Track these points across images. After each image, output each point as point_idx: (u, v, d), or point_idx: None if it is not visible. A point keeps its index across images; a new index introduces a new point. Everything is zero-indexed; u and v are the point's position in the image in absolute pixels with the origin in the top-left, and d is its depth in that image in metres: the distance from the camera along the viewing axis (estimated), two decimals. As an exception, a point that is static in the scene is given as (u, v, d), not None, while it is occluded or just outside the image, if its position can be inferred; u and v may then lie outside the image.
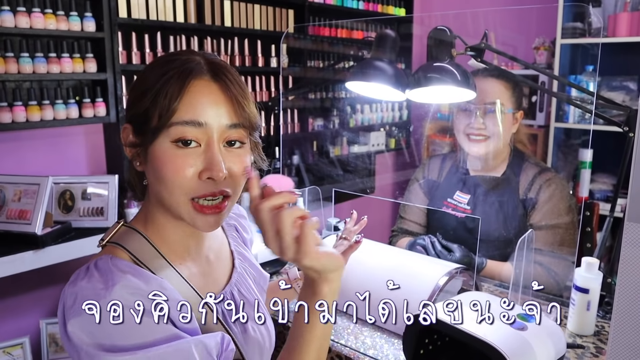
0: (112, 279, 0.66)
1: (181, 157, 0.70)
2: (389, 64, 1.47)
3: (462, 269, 1.18)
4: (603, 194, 2.69)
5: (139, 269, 0.70)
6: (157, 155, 0.70)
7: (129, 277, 0.67)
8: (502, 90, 1.50)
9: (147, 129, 0.71)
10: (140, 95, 0.71)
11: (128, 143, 0.74)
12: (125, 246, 0.73)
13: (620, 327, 0.79)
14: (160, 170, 0.70)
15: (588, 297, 1.10)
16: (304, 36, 2.95)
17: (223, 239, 0.92)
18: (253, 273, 0.95)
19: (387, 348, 1.06)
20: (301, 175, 2.96)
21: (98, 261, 0.70)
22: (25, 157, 2.08)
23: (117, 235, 0.75)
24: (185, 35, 2.41)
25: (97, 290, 0.65)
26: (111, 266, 0.68)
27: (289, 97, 2.83)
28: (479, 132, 1.49)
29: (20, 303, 2.15)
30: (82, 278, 0.67)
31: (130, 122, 0.74)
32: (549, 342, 0.89)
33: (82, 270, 0.70)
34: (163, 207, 0.75)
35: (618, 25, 2.56)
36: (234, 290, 0.86)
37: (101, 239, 0.76)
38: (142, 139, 0.72)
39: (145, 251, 0.74)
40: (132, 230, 0.76)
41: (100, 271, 0.68)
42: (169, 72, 0.70)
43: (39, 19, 1.92)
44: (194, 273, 0.80)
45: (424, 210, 1.70)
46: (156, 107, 0.69)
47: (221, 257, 0.89)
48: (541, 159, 2.68)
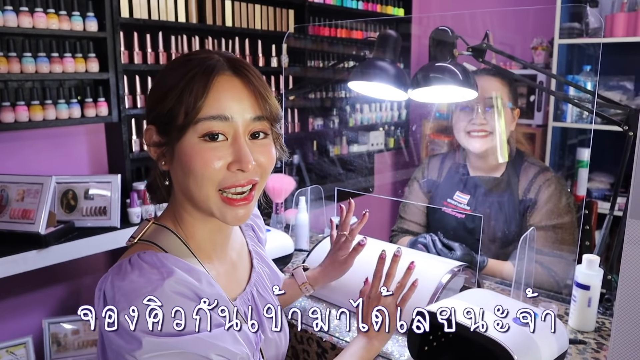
0: (168, 271, 0.67)
1: (210, 150, 0.72)
2: (390, 64, 1.48)
3: (464, 267, 1.20)
4: (600, 193, 2.71)
5: (186, 264, 0.71)
6: (185, 151, 0.72)
7: (180, 273, 0.68)
8: (499, 87, 1.52)
9: (172, 127, 0.72)
10: (163, 95, 0.73)
11: (152, 143, 0.75)
12: (158, 244, 0.74)
13: (622, 323, 0.81)
14: (189, 165, 0.72)
15: (589, 294, 1.11)
16: (305, 36, 2.96)
17: (242, 239, 0.93)
18: (269, 273, 0.96)
19: (391, 345, 1.07)
20: (302, 174, 2.97)
21: (141, 254, 0.70)
22: (28, 157, 2.09)
23: (147, 233, 0.76)
24: (187, 35, 2.42)
25: (153, 280, 0.66)
26: (161, 259, 0.69)
27: (290, 97, 2.85)
28: (481, 128, 1.50)
29: (23, 302, 2.15)
30: (131, 271, 0.67)
31: (153, 123, 0.75)
32: (551, 338, 0.91)
33: (123, 265, 0.69)
34: (191, 204, 0.76)
35: (615, 25, 2.59)
36: (253, 291, 0.87)
37: (132, 236, 0.77)
38: (167, 138, 0.73)
39: (177, 249, 0.75)
40: (162, 227, 0.77)
41: (150, 263, 0.68)
42: (191, 70, 0.72)
43: (42, 18, 1.92)
44: (220, 273, 0.82)
45: (423, 210, 1.72)
46: (181, 105, 0.71)
47: (242, 257, 0.90)
48: (539, 158, 2.70)
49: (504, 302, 1.00)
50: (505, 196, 1.53)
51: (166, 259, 0.70)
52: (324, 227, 1.75)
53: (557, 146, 2.83)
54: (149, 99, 0.77)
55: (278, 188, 1.68)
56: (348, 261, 1.10)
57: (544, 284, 1.41)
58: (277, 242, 1.44)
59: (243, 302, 0.84)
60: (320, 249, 1.34)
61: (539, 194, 1.49)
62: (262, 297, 0.89)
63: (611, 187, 2.75)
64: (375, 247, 1.29)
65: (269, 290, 0.92)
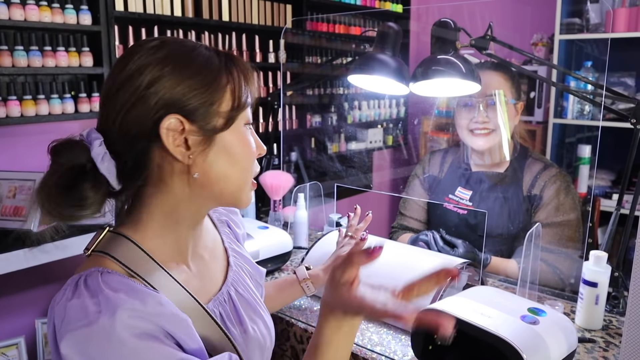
0: (106, 302, 0.61)
1: (251, 137, 0.75)
2: (391, 57, 1.45)
3: (468, 265, 1.17)
4: (602, 190, 2.69)
5: (132, 285, 0.65)
6: (233, 140, 0.72)
7: (123, 297, 0.62)
8: (501, 82, 1.49)
9: (215, 116, 0.70)
10: (201, 84, 0.68)
11: (182, 141, 0.68)
12: (113, 255, 0.68)
13: (634, 321, 0.78)
14: (239, 153, 0.73)
15: (597, 291, 1.08)
16: (303, 32, 2.93)
17: (216, 236, 0.89)
18: (249, 269, 0.92)
19: (394, 344, 1.04)
20: (300, 171, 2.94)
21: (87, 277, 0.64)
22: (20, 153, 2.05)
23: (102, 242, 0.70)
24: (183, 30, 2.38)
25: (90, 312, 0.60)
26: (101, 284, 0.63)
27: (287, 93, 2.81)
28: (483, 126, 1.47)
29: (15, 302, 2.11)
30: (71, 297, 0.63)
31: (180, 114, 0.68)
32: (561, 336, 0.88)
33: (69, 286, 0.64)
34: (195, 199, 0.73)
35: (616, 20, 2.56)
36: (230, 290, 0.83)
37: (86, 247, 0.71)
38: (208, 127, 0.69)
39: (136, 258, 0.69)
40: (119, 236, 0.70)
41: (90, 289, 0.63)
42: (218, 57, 0.71)
43: (34, 11, 1.88)
44: (191, 275, 0.77)
45: (424, 206, 1.69)
46: (229, 93, 0.71)
47: (215, 255, 0.86)
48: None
49: (510, 300, 0.97)
50: (508, 192, 1.50)
51: (107, 283, 0.63)
52: (323, 225, 1.72)
53: (558, 143, 2.80)
54: (167, 91, 0.67)
55: (276, 185, 1.65)
56: None
57: (549, 281, 1.38)
58: (276, 239, 1.41)
59: (218, 303, 0.79)
60: (319, 247, 1.31)
61: (544, 190, 1.46)
62: (241, 296, 0.84)
63: (612, 184, 2.72)
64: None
65: (249, 287, 0.87)
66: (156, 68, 0.67)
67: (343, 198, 2.19)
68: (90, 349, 0.59)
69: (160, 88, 0.66)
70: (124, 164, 0.68)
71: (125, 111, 0.67)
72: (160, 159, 0.70)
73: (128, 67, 0.67)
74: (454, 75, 1.30)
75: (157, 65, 0.67)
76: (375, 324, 1.12)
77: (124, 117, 0.67)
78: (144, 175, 0.70)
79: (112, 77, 0.69)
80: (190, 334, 0.66)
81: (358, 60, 1.51)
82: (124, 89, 0.67)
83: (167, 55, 0.68)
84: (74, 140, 0.67)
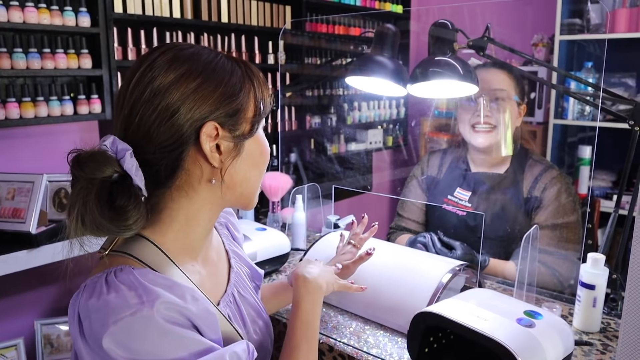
0: (147, 294, 0.63)
1: (266, 141, 0.80)
2: (389, 59, 1.45)
3: (465, 266, 1.17)
4: (602, 191, 2.68)
5: (167, 279, 0.66)
6: (258, 143, 0.77)
7: (162, 291, 0.64)
8: (505, 80, 1.49)
9: (242, 121, 0.73)
10: (231, 92, 0.71)
11: (215, 147, 0.71)
12: (135, 255, 0.69)
13: (630, 323, 0.77)
14: (262, 155, 0.78)
15: (594, 294, 1.08)
16: (302, 33, 2.92)
17: (218, 238, 0.90)
18: (248, 271, 0.94)
19: (390, 347, 1.04)
20: (299, 172, 2.94)
21: (117, 272, 0.65)
22: (19, 155, 2.05)
23: (119, 243, 0.71)
24: (182, 31, 2.38)
25: (132, 303, 0.62)
26: (139, 278, 0.64)
27: (287, 94, 2.81)
28: (485, 121, 1.46)
29: (15, 303, 2.11)
30: (107, 292, 0.63)
31: (216, 121, 0.70)
32: (557, 339, 0.87)
33: (99, 283, 0.64)
34: (217, 200, 0.76)
35: (617, 21, 2.55)
36: (234, 291, 0.85)
37: (102, 247, 0.71)
38: (239, 133, 0.73)
39: (156, 259, 0.70)
40: (138, 237, 0.71)
41: (126, 284, 0.63)
42: (239, 64, 0.74)
43: (33, 13, 1.88)
44: (204, 276, 0.79)
45: (422, 208, 1.68)
46: (254, 99, 0.74)
47: (220, 256, 0.87)
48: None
49: (507, 302, 0.96)
50: (508, 193, 1.49)
51: (144, 276, 0.65)
52: (321, 226, 1.71)
53: (558, 144, 2.80)
54: (201, 103, 0.69)
55: (275, 186, 1.64)
56: (351, 267, 1.10)
57: (547, 283, 1.37)
58: (273, 241, 1.40)
59: (225, 304, 0.81)
60: (317, 248, 1.31)
61: (544, 192, 1.45)
62: (243, 297, 0.86)
63: (613, 185, 2.71)
64: (376, 247, 1.26)
65: (250, 289, 0.89)
66: (186, 82, 0.68)
67: (343, 199, 2.18)
68: (134, 339, 0.60)
69: (193, 101, 0.68)
70: (155, 172, 0.69)
71: (158, 124, 0.67)
72: (191, 165, 0.71)
73: (155, 81, 0.68)
74: (451, 76, 1.30)
75: (187, 79, 0.68)
76: (371, 326, 1.11)
77: (157, 129, 0.67)
78: (172, 182, 0.71)
79: (136, 88, 0.68)
80: (215, 329, 0.69)
81: (356, 62, 1.50)
82: (154, 103, 0.67)
83: (193, 68, 0.69)
84: (99, 151, 0.66)
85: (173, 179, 0.71)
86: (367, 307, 1.15)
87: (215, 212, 0.78)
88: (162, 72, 0.68)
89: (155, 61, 0.69)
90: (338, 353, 1.03)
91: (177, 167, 0.70)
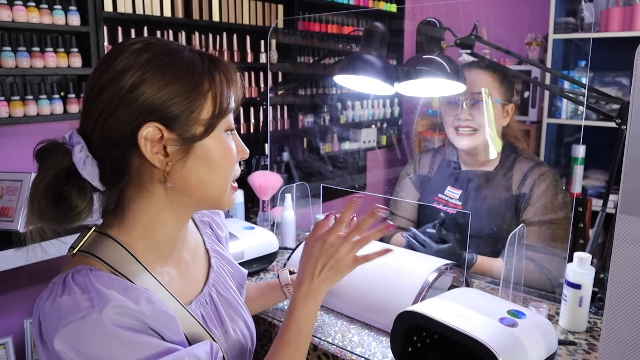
0: (98, 297, 0.62)
1: (232, 143, 0.75)
2: (377, 58, 1.44)
3: (452, 265, 1.16)
4: (596, 190, 2.67)
5: (122, 282, 0.66)
6: (214, 146, 0.71)
7: (115, 295, 0.63)
8: (489, 81, 1.48)
9: (195, 124, 0.69)
10: (180, 92, 0.67)
11: (161, 148, 0.68)
12: (99, 255, 0.69)
13: (612, 323, 0.77)
14: (219, 159, 0.72)
15: (580, 293, 1.07)
16: (294, 31, 2.92)
17: (198, 238, 0.89)
18: (231, 270, 0.92)
19: (374, 346, 1.03)
20: (291, 172, 2.93)
21: (75, 274, 0.65)
22: (8, 154, 2.04)
23: (88, 242, 0.71)
24: (173, 30, 2.37)
25: (83, 307, 0.62)
26: (93, 281, 0.64)
27: (278, 93, 2.80)
28: (467, 124, 1.46)
29: (3, 302, 2.11)
30: (61, 294, 0.63)
31: (160, 122, 0.67)
32: (540, 339, 0.87)
33: (57, 284, 0.65)
34: (181, 203, 0.73)
35: (610, 20, 2.55)
36: (212, 291, 0.83)
37: (71, 246, 0.71)
38: (187, 135, 0.69)
39: (120, 259, 0.70)
40: (104, 236, 0.71)
41: (81, 286, 0.64)
42: (201, 62, 0.70)
43: (22, 12, 1.87)
44: (173, 276, 0.78)
45: (414, 205, 1.68)
46: (210, 100, 0.70)
47: (197, 256, 0.86)
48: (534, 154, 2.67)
49: (491, 302, 0.96)
50: (498, 191, 1.49)
51: (99, 279, 0.65)
52: (310, 225, 1.71)
53: (552, 143, 2.79)
54: (148, 97, 0.67)
55: (264, 185, 1.64)
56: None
57: (536, 282, 1.37)
58: (261, 239, 1.40)
59: (200, 304, 0.80)
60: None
61: (533, 188, 1.45)
62: (222, 297, 0.85)
63: (607, 184, 2.71)
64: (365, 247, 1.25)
65: (230, 289, 0.88)
66: (138, 72, 0.66)
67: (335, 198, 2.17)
68: (83, 343, 0.60)
69: (141, 93, 0.66)
70: (104, 168, 0.68)
71: (106, 116, 0.66)
72: (140, 165, 0.70)
73: (110, 70, 0.67)
74: (438, 75, 1.29)
75: (139, 69, 0.66)
76: (356, 325, 1.11)
77: (105, 121, 0.67)
78: (125, 180, 0.70)
79: (94, 79, 0.68)
80: (177, 331, 0.68)
81: (344, 61, 1.49)
82: (105, 93, 0.66)
83: (150, 58, 0.67)
84: (57, 144, 0.67)
85: (124, 177, 0.70)
86: (352, 306, 1.14)
87: (182, 214, 0.76)
88: (107, 69, 0.67)
89: (117, 51, 0.68)
90: (322, 352, 1.03)
91: (123, 165, 0.69)
